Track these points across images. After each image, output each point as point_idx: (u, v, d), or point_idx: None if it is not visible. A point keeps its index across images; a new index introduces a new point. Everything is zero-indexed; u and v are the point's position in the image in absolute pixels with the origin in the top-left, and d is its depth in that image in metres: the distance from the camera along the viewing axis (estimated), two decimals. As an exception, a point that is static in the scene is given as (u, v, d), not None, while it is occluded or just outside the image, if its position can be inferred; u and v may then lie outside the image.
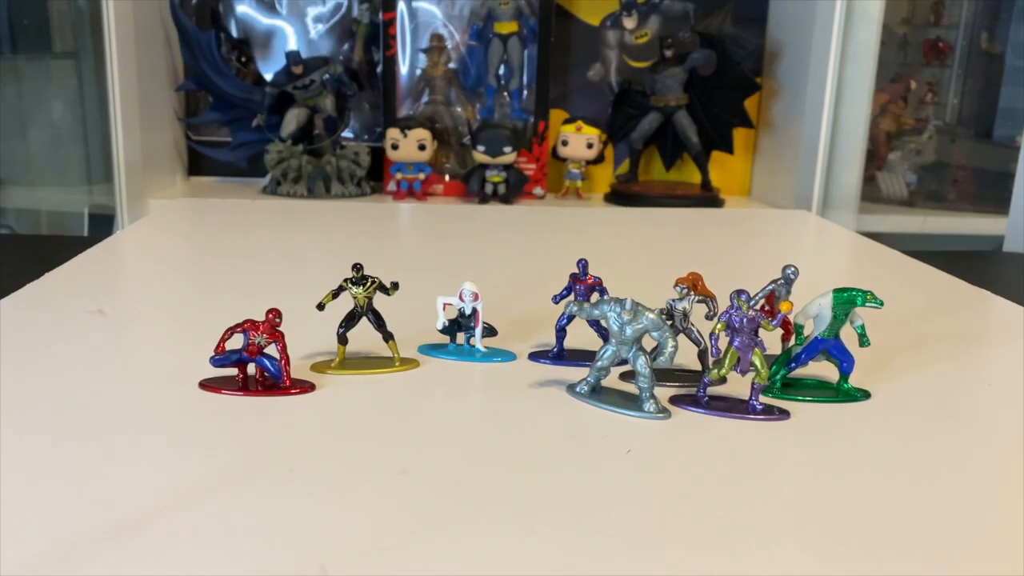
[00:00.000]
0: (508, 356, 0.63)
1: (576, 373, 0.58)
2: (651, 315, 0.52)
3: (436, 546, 0.38)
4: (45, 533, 0.38)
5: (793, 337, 0.59)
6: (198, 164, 1.52)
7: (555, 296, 0.64)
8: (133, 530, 0.38)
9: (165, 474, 0.44)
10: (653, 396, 0.53)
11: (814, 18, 1.35)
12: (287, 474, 0.44)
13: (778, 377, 0.58)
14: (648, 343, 0.53)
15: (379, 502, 0.41)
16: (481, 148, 1.35)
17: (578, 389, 0.56)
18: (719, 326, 0.54)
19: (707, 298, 0.60)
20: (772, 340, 0.59)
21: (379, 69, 1.46)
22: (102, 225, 1.35)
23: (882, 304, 0.56)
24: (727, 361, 0.54)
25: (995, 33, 1.61)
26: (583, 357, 0.62)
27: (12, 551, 0.36)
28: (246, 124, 1.42)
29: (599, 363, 0.55)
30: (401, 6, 1.42)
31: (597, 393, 0.55)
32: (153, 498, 0.41)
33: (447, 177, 1.45)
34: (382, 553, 0.37)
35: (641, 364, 0.53)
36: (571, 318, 0.61)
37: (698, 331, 0.59)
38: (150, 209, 1.28)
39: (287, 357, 0.55)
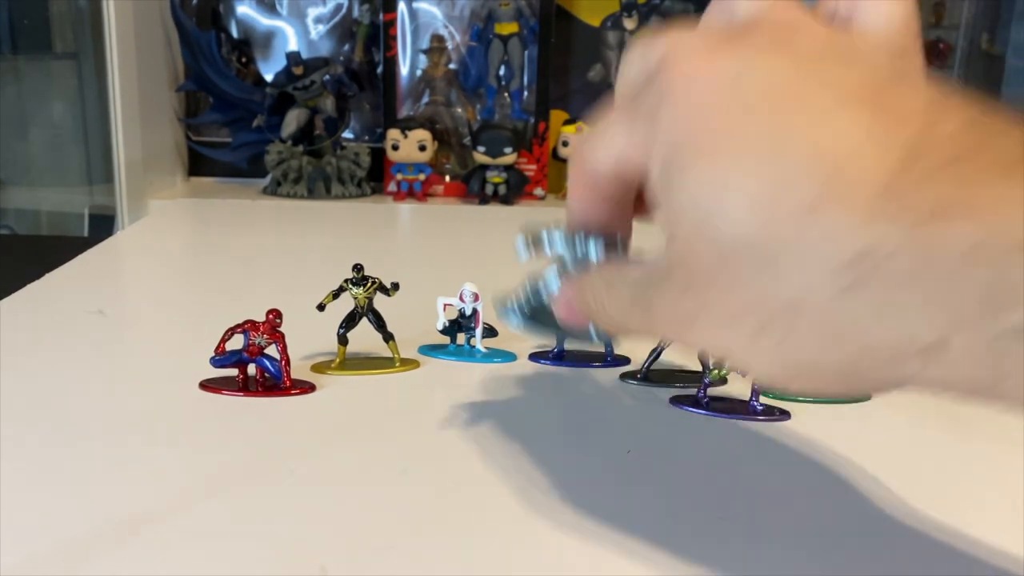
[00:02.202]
0: (508, 357, 0.63)
1: (576, 374, 0.58)
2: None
3: (436, 546, 0.38)
4: (45, 533, 0.38)
5: (793, 338, 0.59)
6: (198, 164, 1.52)
7: (555, 297, 0.64)
8: (133, 530, 0.38)
9: (165, 474, 0.44)
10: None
11: (814, 19, 1.35)
12: (287, 474, 0.44)
13: (778, 378, 0.58)
14: None
15: (379, 502, 0.41)
16: (481, 149, 1.35)
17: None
18: (719, 327, 0.54)
19: (707, 299, 0.60)
20: (772, 341, 0.59)
21: (379, 70, 1.46)
22: (102, 225, 1.35)
23: (882, 305, 0.55)
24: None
25: (996, 35, 1.61)
26: (584, 357, 0.62)
27: (12, 551, 0.36)
28: (246, 125, 1.42)
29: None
30: (402, 7, 1.42)
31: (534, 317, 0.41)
32: (153, 498, 0.41)
33: (447, 178, 1.45)
34: (382, 553, 0.37)
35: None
36: (571, 319, 0.61)
37: (698, 332, 0.59)
38: (150, 209, 1.28)
39: (287, 358, 0.54)
